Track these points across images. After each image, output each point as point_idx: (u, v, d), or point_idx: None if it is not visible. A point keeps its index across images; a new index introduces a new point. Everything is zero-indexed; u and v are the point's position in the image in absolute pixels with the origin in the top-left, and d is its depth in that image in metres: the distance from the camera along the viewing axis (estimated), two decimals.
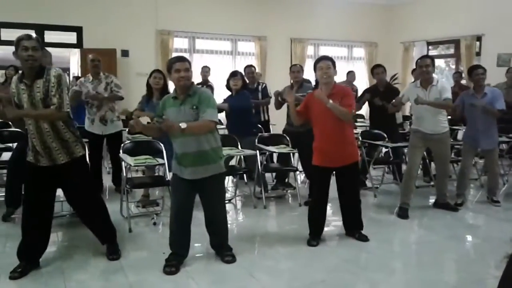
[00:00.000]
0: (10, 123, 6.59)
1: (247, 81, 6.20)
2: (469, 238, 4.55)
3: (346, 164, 4.05)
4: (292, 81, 5.71)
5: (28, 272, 3.39)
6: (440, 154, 5.14)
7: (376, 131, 6.14)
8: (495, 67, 8.77)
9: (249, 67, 6.89)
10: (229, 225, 3.85)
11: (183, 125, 3.20)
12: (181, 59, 3.45)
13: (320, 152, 4.07)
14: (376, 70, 6.18)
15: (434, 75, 4.98)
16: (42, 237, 3.52)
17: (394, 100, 5.46)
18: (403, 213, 5.00)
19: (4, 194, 5.54)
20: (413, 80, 6.55)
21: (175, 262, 3.53)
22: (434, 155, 5.29)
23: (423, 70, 4.88)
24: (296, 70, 5.60)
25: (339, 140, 3.98)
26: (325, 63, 3.97)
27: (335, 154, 4.01)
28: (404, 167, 6.49)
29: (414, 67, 6.20)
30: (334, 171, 4.13)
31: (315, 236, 4.17)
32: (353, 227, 4.33)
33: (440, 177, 5.28)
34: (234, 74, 5.75)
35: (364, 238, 4.24)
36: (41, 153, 3.34)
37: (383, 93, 6.01)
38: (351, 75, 9.22)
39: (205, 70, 8.58)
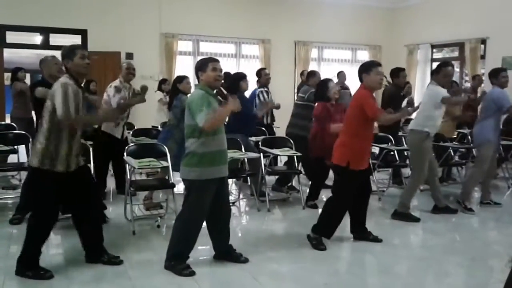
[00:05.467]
0: (14, 125, 6.66)
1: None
2: (473, 241, 4.53)
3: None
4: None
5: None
6: (430, 154, 5.16)
7: (381, 134, 6.15)
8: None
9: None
10: (233, 228, 3.85)
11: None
12: (217, 60, 3.57)
13: (367, 154, 4.17)
14: (403, 73, 6.40)
15: None
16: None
17: None
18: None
19: (8, 196, 5.59)
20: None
21: (187, 264, 3.55)
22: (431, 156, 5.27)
23: None
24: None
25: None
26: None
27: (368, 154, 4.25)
28: (403, 170, 6.56)
29: (418, 69, 6.39)
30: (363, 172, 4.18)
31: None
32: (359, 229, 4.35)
33: (432, 179, 5.31)
34: (245, 76, 5.73)
35: (379, 239, 4.31)
36: (74, 157, 3.43)
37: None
38: (341, 75, 9.14)
39: None
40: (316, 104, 5.40)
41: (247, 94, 7.41)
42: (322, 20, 10.77)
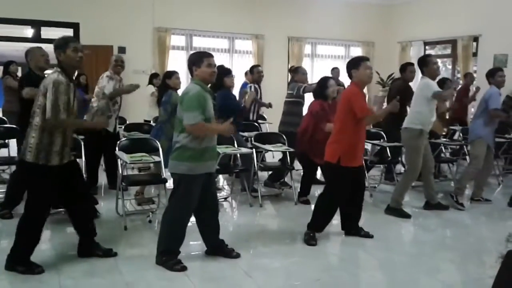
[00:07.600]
0: (5, 118, 6.61)
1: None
2: (464, 237, 4.56)
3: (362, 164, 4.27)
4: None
5: None
6: (427, 151, 5.16)
7: (373, 130, 6.17)
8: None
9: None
10: (225, 224, 3.85)
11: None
12: (211, 55, 3.52)
13: (360, 151, 4.14)
14: (411, 67, 6.34)
15: None
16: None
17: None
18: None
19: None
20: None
21: (179, 259, 3.53)
22: (425, 153, 5.26)
23: None
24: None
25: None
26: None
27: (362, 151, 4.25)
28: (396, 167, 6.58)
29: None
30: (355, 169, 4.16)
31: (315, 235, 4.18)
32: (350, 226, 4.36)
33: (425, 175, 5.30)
34: (229, 72, 5.70)
35: (370, 235, 4.32)
36: (68, 149, 3.42)
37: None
38: (335, 71, 9.14)
39: None
40: (313, 101, 5.39)
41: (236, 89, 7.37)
42: (315, 16, 10.77)
